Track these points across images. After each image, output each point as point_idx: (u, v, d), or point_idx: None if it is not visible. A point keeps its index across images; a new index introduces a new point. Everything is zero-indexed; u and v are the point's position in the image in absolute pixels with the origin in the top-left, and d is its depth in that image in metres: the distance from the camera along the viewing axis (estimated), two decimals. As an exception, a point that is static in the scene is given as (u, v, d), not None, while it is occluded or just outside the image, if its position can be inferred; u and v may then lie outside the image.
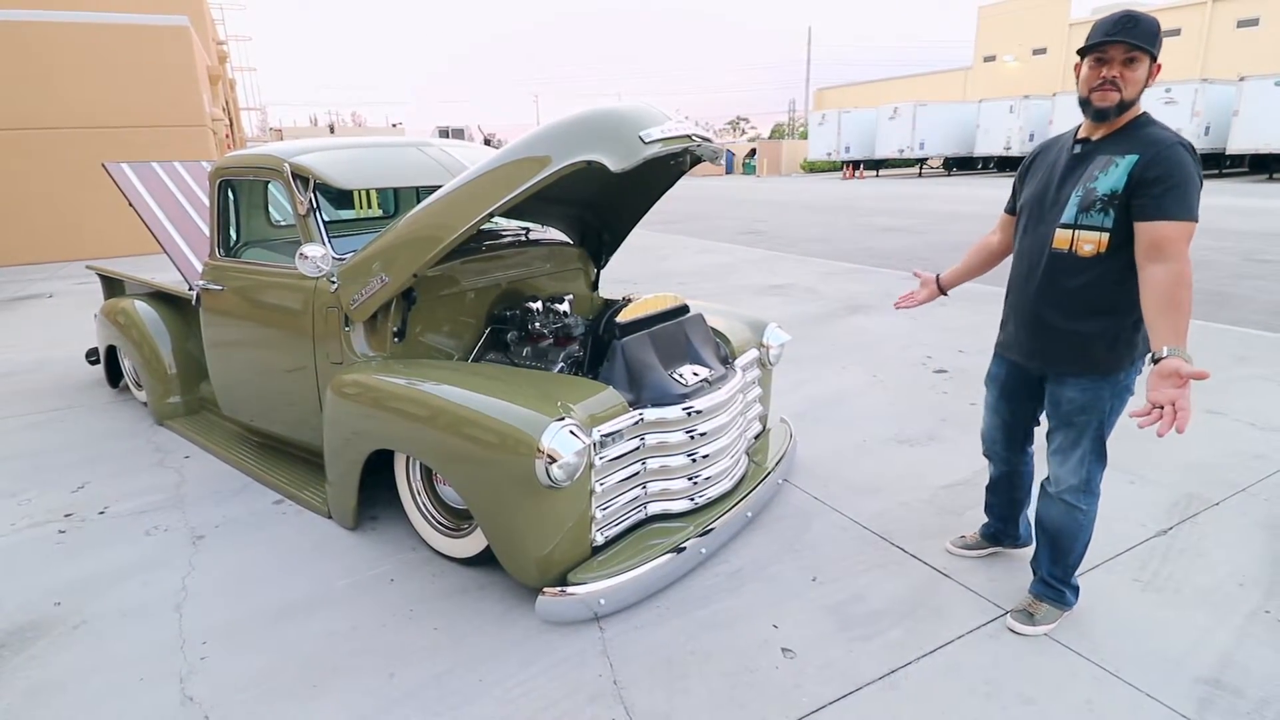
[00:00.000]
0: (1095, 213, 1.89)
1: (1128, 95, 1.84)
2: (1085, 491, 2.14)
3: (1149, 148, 1.82)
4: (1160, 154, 1.80)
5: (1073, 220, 1.94)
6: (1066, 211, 1.95)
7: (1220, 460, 3.41)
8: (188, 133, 11.91)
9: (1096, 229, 1.90)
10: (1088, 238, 1.92)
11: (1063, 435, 2.13)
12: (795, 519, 2.95)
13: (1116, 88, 1.84)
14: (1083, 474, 2.12)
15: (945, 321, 6.06)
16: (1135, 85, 1.84)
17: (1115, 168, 1.85)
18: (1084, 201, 1.91)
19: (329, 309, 2.89)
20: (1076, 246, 1.94)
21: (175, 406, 4.07)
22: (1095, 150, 1.93)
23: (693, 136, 2.52)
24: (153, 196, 4.27)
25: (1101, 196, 1.87)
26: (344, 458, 2.81)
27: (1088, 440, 2.08)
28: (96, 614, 2.44)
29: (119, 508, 3.18)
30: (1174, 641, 2.18)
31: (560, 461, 2.12)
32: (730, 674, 2.08)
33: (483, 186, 2.45)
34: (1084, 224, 1.92)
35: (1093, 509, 2.16)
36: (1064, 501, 2.16)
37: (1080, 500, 2.14)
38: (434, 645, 2.23)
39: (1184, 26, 33.65)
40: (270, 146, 3.19)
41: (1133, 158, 1.83)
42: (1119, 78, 1.83)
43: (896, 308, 2.67)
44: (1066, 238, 1.96)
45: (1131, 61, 1.83)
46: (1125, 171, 1.83)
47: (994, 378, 2.39)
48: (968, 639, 2.21)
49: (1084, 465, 2.11)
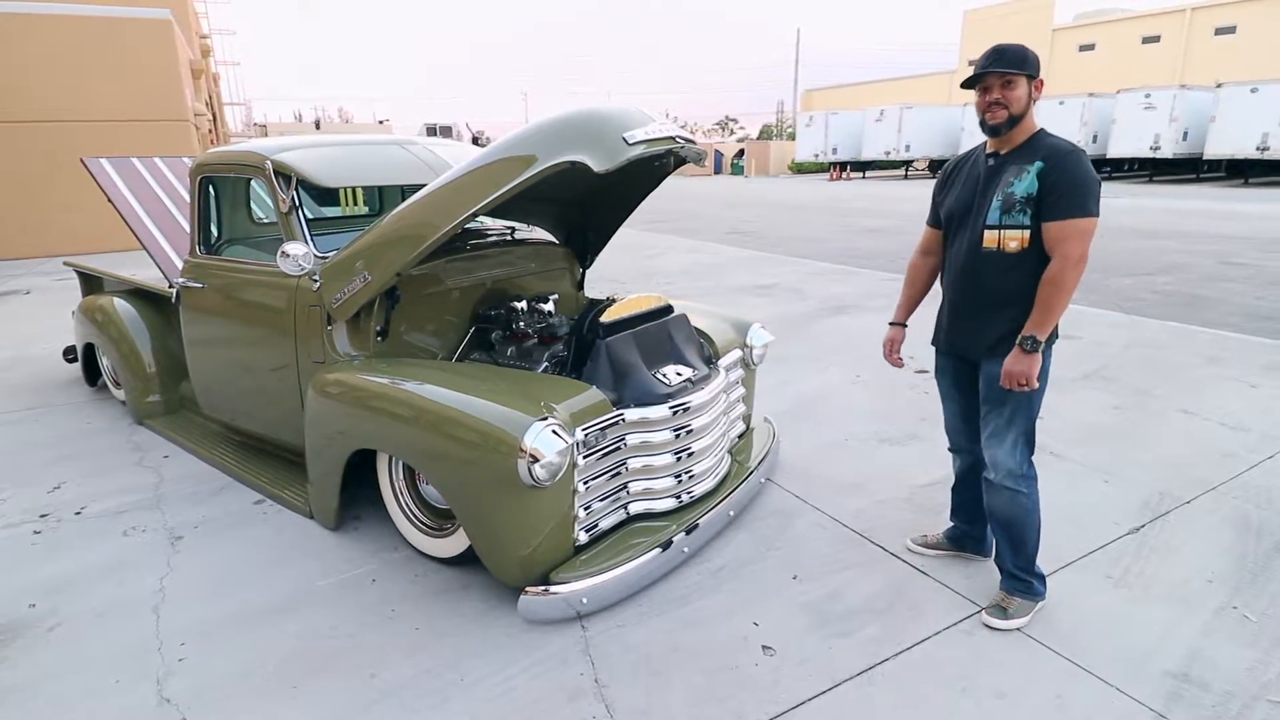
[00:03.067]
0: (1016, 213, 2.13)
1: (1014, 110, 2.12)
2: (1023, 475, 2.28)
3: (1050, 156, 2.09)
4: (1060, 161, 2.07)
5: (997, 221, 2.17)
6: (991, 214, 2.19)
7: (1192, 459, 3.48)
8: (170, 128, 11.75)
9: (1019, 227, 2.14)
10: (1012, 235, 2.16)
11: (996, 417, 2.28)
12: (776, 518, 2.98)
13: (1003, 106, 2.13)
14: (1017, 456, 2.26)
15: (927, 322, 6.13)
16: (1019, 101, 2.12)
17: (1027, 174, 2.11)
18: (1005, 204, 2.15)
19: (311, 307, 2.87)
20: (1003, 244, 2.17)
21: (154, 405, 4.03)
22: (1006, 161, 2.19)
23: (676, 138, 2.54)
24: (132, 192, 4.22)
25: (1020, 199, 2.12)
26: (326, 457, 2.80)
27: (1019, 420, 2.24)
28: (72, 615, 2.41)
29: (96, 508, 3.14)
30: (1143, 637, 2.23)
31: (543, 461, 2.13)
32: (710, 671, 2.10)
33: (467, 185, 2.46)
34: (1007, 224, 2.16)
35: (1034, 492, 2.30)
36: (1006, 489, 2.28)
37: (1020, 484, 2.27)
38: (415, 645, 2.23)
39: (1163, 34, 34.18)
40: (252, 143, 3.17)
41: (1039, 164, 2.10)
42: (1001, 98, 2.12)
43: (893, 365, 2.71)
44: (994, 237, 2.19)
45: (1009, 84, 2.11)
46: (1035, 176, 2.09)
47: (942, 370, 2.55)
48: (943, 635, 2.24)
49: (1017, 447, 2.26)
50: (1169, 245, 10.35)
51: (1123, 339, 5.62)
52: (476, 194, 2.42)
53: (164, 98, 11.76)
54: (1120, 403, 4.26)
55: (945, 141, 29.34)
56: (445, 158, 3.32)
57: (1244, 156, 20.58)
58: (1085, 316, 6.30)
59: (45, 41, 10.97)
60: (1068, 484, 3.23)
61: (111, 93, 11.39)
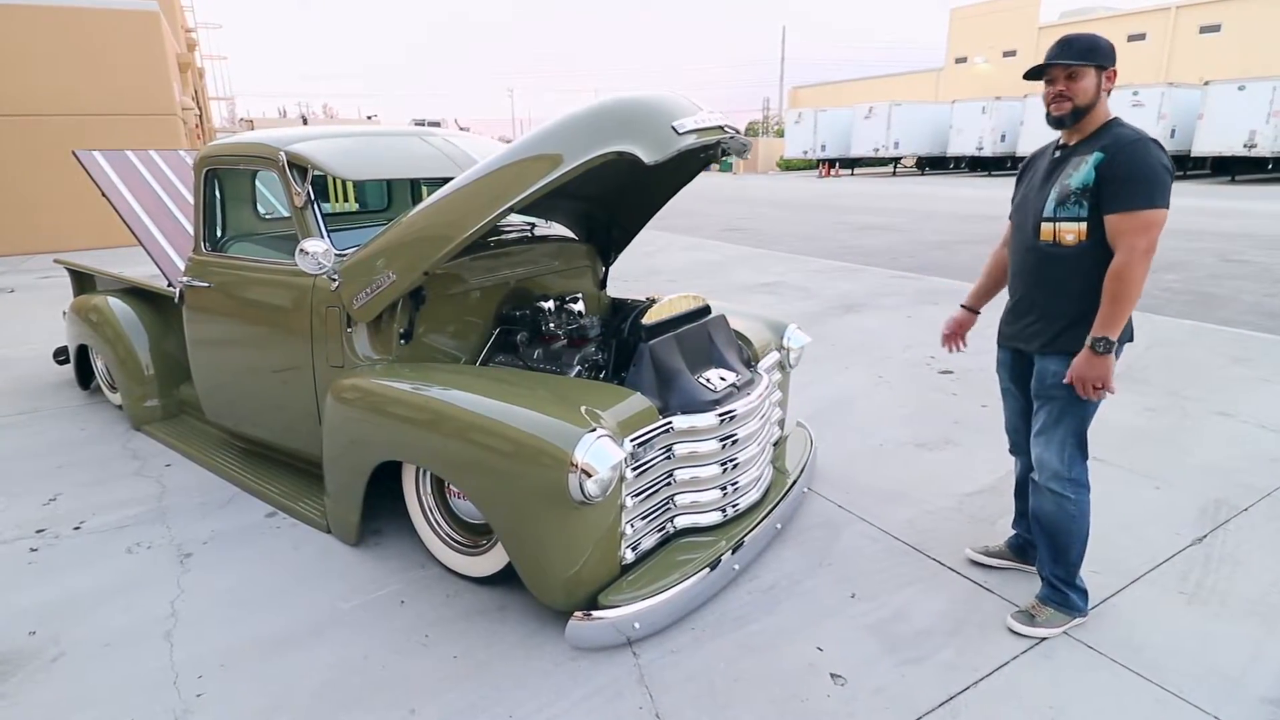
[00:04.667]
0: (1071, 205, 2.06)
1: (1080, 102, 2.04)
2: (1069, 480, 2.17)
3: (1112, 145, 2.00)
4: (1122, 150, 1.98)
5: (1052, 214, 2.10)
6: (1047, 207, 2.12)
7: (1237, 464, 3.38)
8: (157, 122, 11.38)
9: (1074, 219, 2.06)
10: (1067, 228, 2.08)
11: (1045, 413, 2.18)
12: (823, 530, 2.83)
13: (1067, 98, 2.05)
14: (1064, 457, 2.16)
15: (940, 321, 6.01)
16: (1084, 93, 2.03)
17: (1085, 165, 2.03)
18: (1060, 196, 2.08)
19: (329, 308, 2.69)
20: (1059, 237, 2.10)
21: (153, 410, 3.81)
22: (1071, 153, 2.11)
23: (724, 128, 2.39)
24: (127, 187, 3.99)
25: (1074, 190, 2.04)
26: (347, 468, 2.61)
27: (1068, 419, 2.14)
28: (76, 644, 2.21)
29: (96, 522, 2.94)
30: (1230, 658, 2.11)
31: (596, 476, 1.97)
32: (779, 702, 1.95)
33: (503, 178, 2.29)
34: (1062, 216, 2.08)
35: (1083, 501, 2.18)
36: (1051, 491, 2.18)
37: (1067, 489, 2.17)
38: (455, 675, 2.06)
39: (1149, 32, 34.47)
40: (261, 134, 2.97)
41: (1099, 155, 2.01)
42: (1065, 90, 2.05)
43: (946, 348, 2.68)
44: (1049, 230, 2.12)
45: (1073, 75, 2.04)
46: (1093, 167, 2.01)
47: (1001, 364, 2.46)
48: (1022, 659, 2.11)
49: (1065, 449, 2.16)
50: (1168, 243, 10.33)
51: (1143, 338, 5.50)
52: (514, 187, 2.25)
53: (151, 91, 11.39)
54: (1153, 405, 4.16)
55: (933, 139, 29.40)
56: (467, 150, 3.13)
57: (1231, 154, 20.75)
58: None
59: (27, 33, 10.58)
60: (1117, 490, 3.11)
61: (97, 86, 11.02)
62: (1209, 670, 2.05)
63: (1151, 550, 2.67)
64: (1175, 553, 2.66)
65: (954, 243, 10.97)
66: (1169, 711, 1.91)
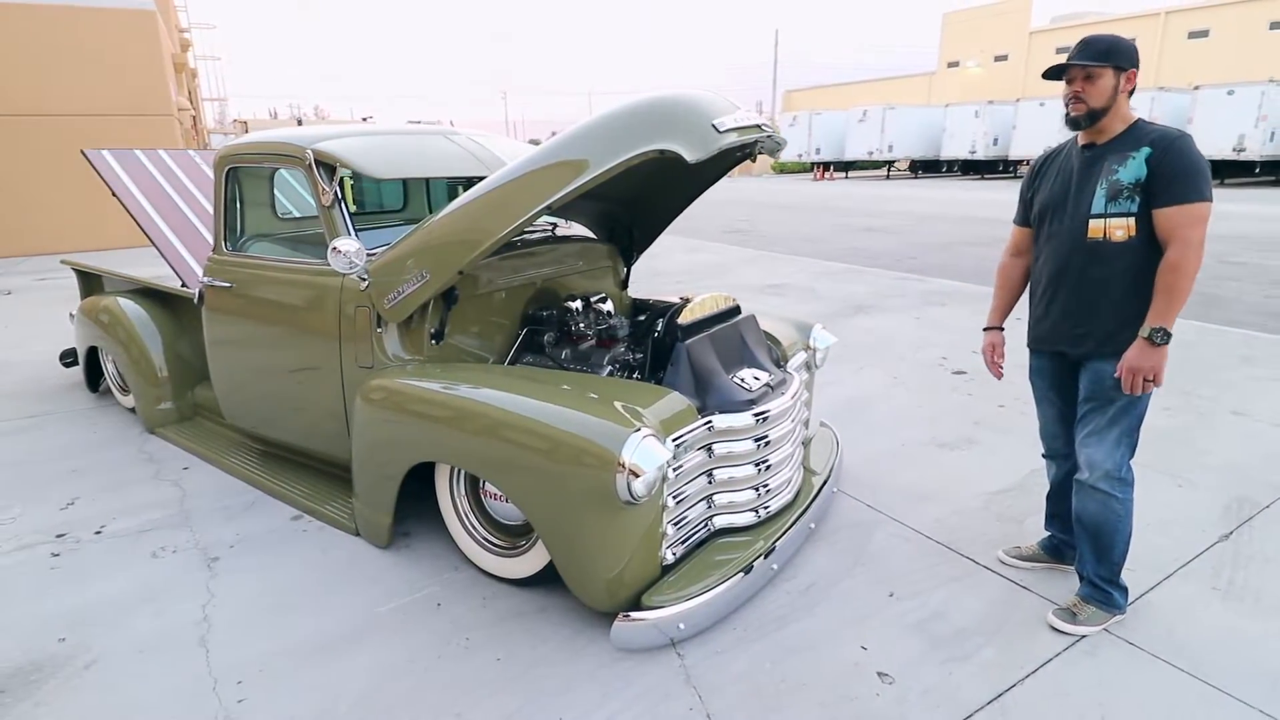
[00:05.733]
0: (1123, 200, 2.04)
1: (1095, 104, 2.05)
2: (1119, 479, 2.15)
3: (1159, 141, 2.00)
4: (1172, 146, 1.99)
5: (1103, 210, 2.07)
6: (1096, 203, 2.08)
7: (1254, 462, 3.41)
8: (153, 122, 11.28)
9: (1124, 215, 2.04)
10: (1118, 224, 2.05)
11: (1099, 415, 2.15)
12: (854, 530, 2.83)
13: (1082, 100, 2.06)
14: (1117, 457, 2.14)
15: (948, 322, 6.05)
16: (1102, 94, 2.04)
17: (1133, 160, 2.02)
18: (1111, 192, 2.05)
19: (358, 308, 2.66)
20: (1109, 233, 2.07)
21: (167, 413, 3.76)
22: (1106, 150, 2.09)
23: (762, 126, 2.38)
24: (138, 186, 3.94)
25: (1127, 185, 2.02)
26: (378, 470, 2.59)
27: (1124, 420, 2.13)
28: (108, 651, 2.18)
29: (117, 526, 2.89)
30: (1268, 655, 2.12)
31: (643, 476, 1.96)
32: (828, 704, 1.94)
33: (543, 177, 2.28)
34: (1113, 212, 2.05)
35: (1129, 499, 2.17)
36: (1099, 491, 2.16)
37: (1115, 489, 2.15)
38: (500, 678, 2.04)
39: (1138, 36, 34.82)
40: (284, 132, 2.94)
41: (1147, 150, 2.00)
42: (1082, 91, 2.06)
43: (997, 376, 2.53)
44: (1100, 227, 2.08)
45: (1091, 76, 2.04)
46: (1143, 161, 2.00)
47: (1038, 371, 2.41)
48: (1065, 656, 2.11)
49: (1118, 448, 2.14)
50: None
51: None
52: (553, 185, 2.24)
53: (147, 91, 11.30)
54: (1168, 404, 4.19)
55: (926, 142, 29.54)
56: (494, 150, 3.12)
57: (1221, 157, 20.98)
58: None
59: (25, 33, 10.49)
60: (1142, 488, 3.06)
61: (93, 86, 10.93)
62: (1253, 667, 2.06)
63: (1181, 547, 2.68)
64: (1205, 549, 2.67)
65: (954, 244, 11.02)
66: (1216, 709, 1.92)
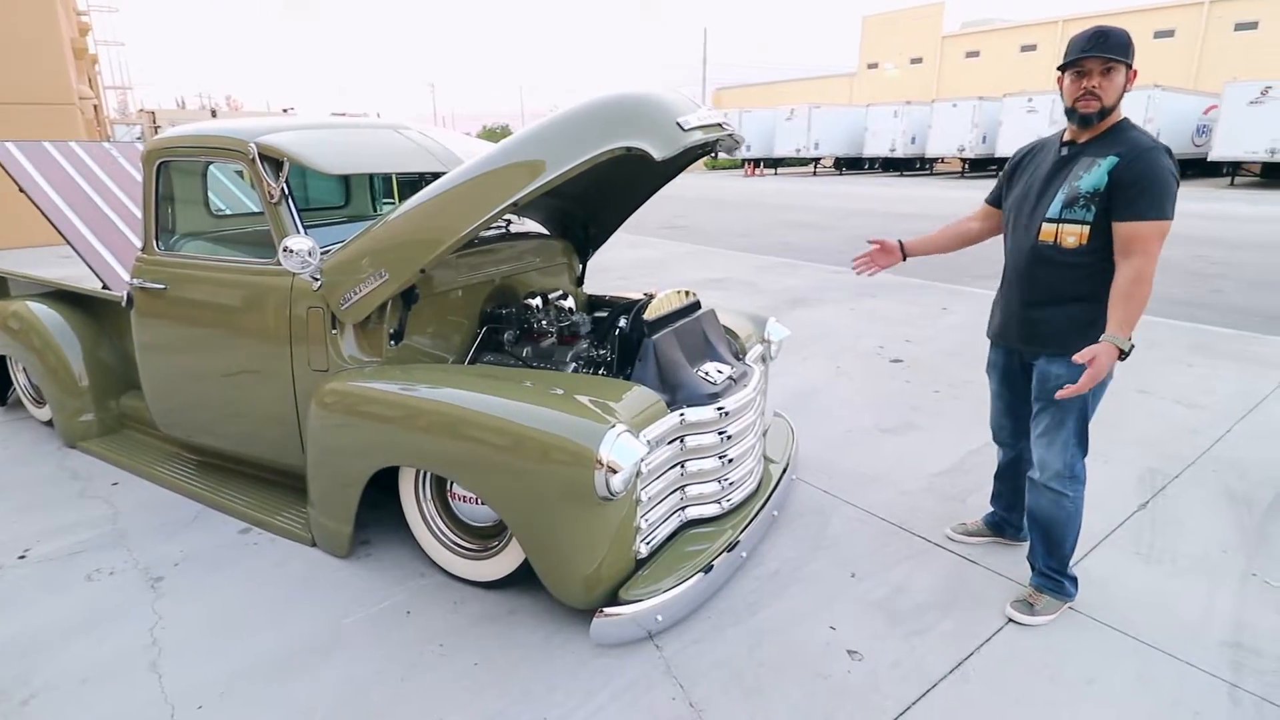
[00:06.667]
0: (1078, 208, 2.04)
1: (1107, 102, 2.00)
2: (1070, 478, 2.20)
3: (1128, 151, 1.97)
4: (1139, 158, 1.95)
5: (1057, 215, 2.08)
6: (1052, 207, 2.09)
7: (1164, 437, 3.72)
8: (53, 112, 10.34)
9: (1078, 223, 2.04)
10: (1070, 230, 2.06)
11: (1048, 416, 2.19)
12: (813, 515, 2.93)
13: (1096, 97, 1.99)
14: (1067, 457, 2.18)
15: (882, 313, 6.32)
16: (1114, 92, 2.00)
17: (1097, 168, 2.00)
18: (1068, 198, 2.06)
19: (310, 309, 2.56)
20: (1060, 238, 2.08)
21: (89, 425, 3.50)
22: (1080, 153, 2.08)
23: (723, 125, 2.43)
24: (49, 181, 3.64)
25: (1084, 194, 2.02)
26: (337, 477, 2.50)
27: (1072, 421, 2.16)
28: (48, 684, 2.02)
29: (44, 549, 2.68)
30: (1189, 609, 2.33)
31: (621, 473, 1.97)
32: (805, 683, 2.02)
33: (506, 175, 2.25)
34: (1067, 218, 2.06)
35: (1079, 496, 2.22)
36: (1051, 489, 2.21)
37: (1066, 487, 2.20)
38: (479, 682, 2.02)
39: (1039, 43, 37.05)
40: (224, 124, 2.79)
41: (1113, 159, 1.98)
42: (1098, 87, 1.98)
43: (856, 272, 2.68)
44: (1052, 230, 2.10)
45: (1108, 71, 1.98)
46: (1106, 171, 1.98)
47: (993, 365, 2.48)
48: (1015, 625, 2.26)
49: (1068, 449, 2.18)
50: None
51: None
52: (518, 183, 2.22)
53: (46, 78, 10.34)
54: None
55: (849, 141, 30.56)
56: (448, 145, 3.05)
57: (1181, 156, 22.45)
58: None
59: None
60: None
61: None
62: (1174, 622, 2.27)
63: (1106, 518, 2.90)
64: (1126, 518, 2.91)
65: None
66: (1148, 661, 2.10)
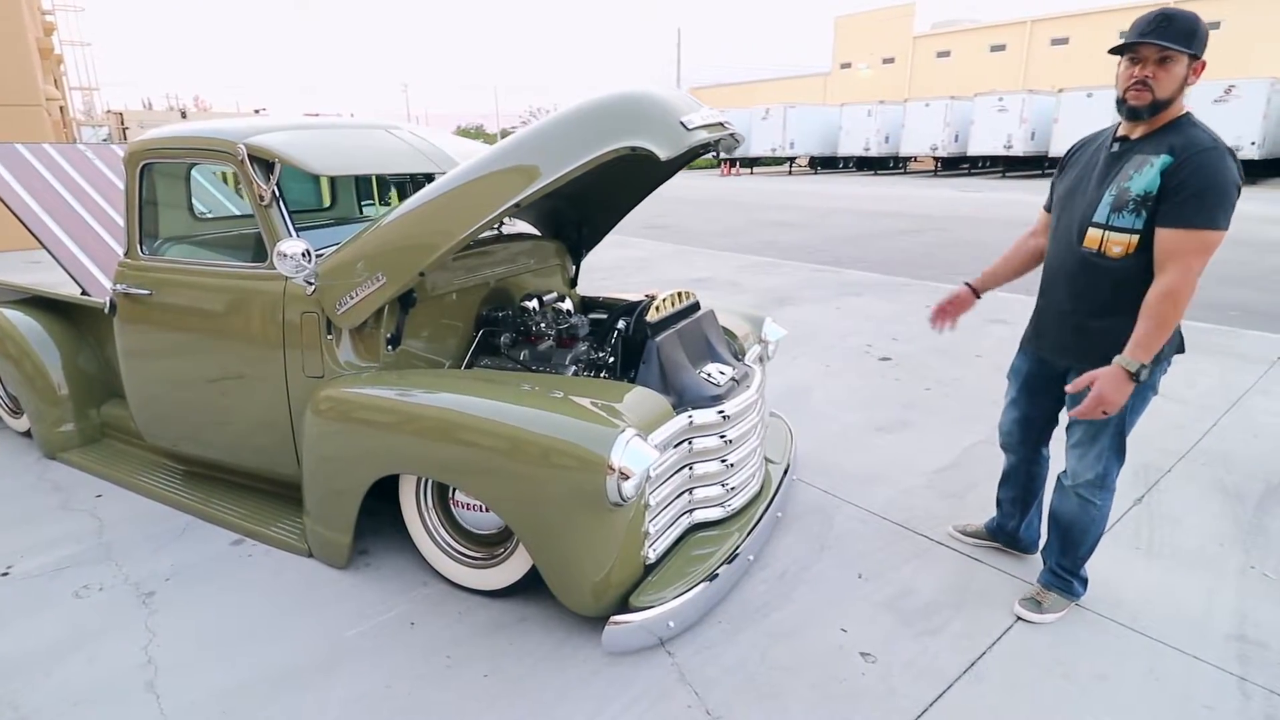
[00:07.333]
0: (1127, 214, 1.87)
1: (1161, 95, 1.81)
2: (1101, 487, 2.14)
3: (1183, 150, 1.79)
4: (1193, 158, 1.77)
5: (1104, 220, 1.92)
6: (1099, 211, 1.93)
7: (1151, 431, 3.75)
8: (19, 113, 9.98)
9: (1127, 230, 1.88)
10: (1116, 239, 1.90)
11: (1083, 429, 2.10)
12: (816, 515, 2.93)
13: (1149, 88, 1.81)
14: (1099, 469, 2.11)
15: (866, 311, 6.36)
16: (1170, 85, 1.80)
17: (1150, 168, 1.82)
18: (1117, 201, 1.89)
19: (305, 314, 2.49)
20: (1105, 247, 1.93)
21: (69, 436, 3.38)
22: (1132, 149, 1.90)
23: (724, 124, 2.42)
24: (23, 185, 3.51)
25: (1135, 197, 1.85)
26: (335, 485, 2.44)
27: (1108, 436, 2.08)
28: (39, 707, 1.94)
29: (28, 565, 2.58)
30: (1193, 604, 2.37)
31: (633, 478, 1.94)
32: (819, 686, 2.00)
33: (508, 176, 2.21)
34: (1115, 225, 1.90)
35: (1106, 504, 2.17)
36: (1079, 495, 2.17)
37: (1095, 495, 2.15)
38: (490, 694, 1.98)
39: (1008, 43, 37.70)
40: (210, 124, 2.70)
41: (1166, 159, 1.81)
42: (1151, 77, 1.80)
43: (934, 327, 2.47)
44: (1097, 237, 1.94)
45: (1165, 61, 1.79)
46: (1159, 172, 1.81)
47: (1017, 371, 2.39)
48: (1024, 623, 2.27)
49: (1101, 460, 2.11)
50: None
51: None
52: (520, 184, 2.18)
53: (12, 79, 9.98)
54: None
55: (824, 140, 30.81)
56: (442, 146, 2.99)
57: (1057, 154, 23.10)
58: (1009, 302, 6.76)
59: None
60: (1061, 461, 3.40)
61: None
62: (1180, 617, 2.30)
63: (1104, 513, 2.94)
64: (1124, 513, 2.95)
65: (860, 237, 11.57)
66: (1159, 656, 2.12)
